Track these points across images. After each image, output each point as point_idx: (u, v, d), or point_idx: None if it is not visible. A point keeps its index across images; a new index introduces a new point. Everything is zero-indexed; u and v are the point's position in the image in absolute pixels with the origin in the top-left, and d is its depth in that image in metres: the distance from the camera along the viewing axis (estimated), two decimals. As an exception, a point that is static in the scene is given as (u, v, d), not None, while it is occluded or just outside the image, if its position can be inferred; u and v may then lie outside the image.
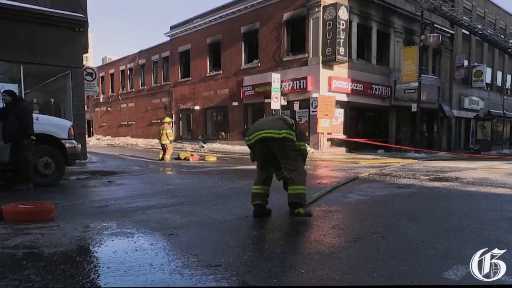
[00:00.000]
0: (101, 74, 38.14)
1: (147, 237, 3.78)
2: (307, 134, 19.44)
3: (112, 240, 3.66)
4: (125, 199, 6.05)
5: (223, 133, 25.26)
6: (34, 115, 7.26)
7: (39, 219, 4.29)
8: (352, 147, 20.94)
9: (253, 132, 4.67)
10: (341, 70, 20.18)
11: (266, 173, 4.82)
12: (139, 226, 4.19)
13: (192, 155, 15.54)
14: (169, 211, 5.06)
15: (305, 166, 5.00)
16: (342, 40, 18.98)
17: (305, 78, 19.80)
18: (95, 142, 31.84)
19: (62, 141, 7.70)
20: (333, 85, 19.68)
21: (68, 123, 8.15)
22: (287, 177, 4.76)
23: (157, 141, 29.25)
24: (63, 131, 7.79)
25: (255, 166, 5.01)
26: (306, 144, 5.04)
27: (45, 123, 7.60)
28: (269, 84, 19.61)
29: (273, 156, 4.69)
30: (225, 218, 4.74)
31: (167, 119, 15.78)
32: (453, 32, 27.36)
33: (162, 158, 14.58)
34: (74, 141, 7.92)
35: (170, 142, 14.93)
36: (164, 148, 14.79)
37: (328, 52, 19.07)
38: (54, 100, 12.44)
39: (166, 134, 14.75)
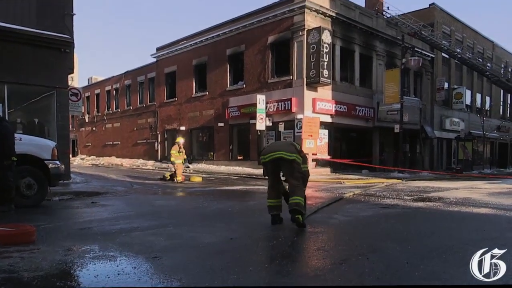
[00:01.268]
0: (86, 94, 37.90)
1: (130, 260, 3.72)
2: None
3: (94, 264, 3.59)
4: (109, 221, 5.96)
5: (212, 153, 25.23)
6: (17, 135, 7.16)
7: (20, 242, 4.19)
8: (336, 167, 21.09)
9: (269, 153, 5.62)
10: (325, 92, 20.49)
11: (277, 188, 5.73)
12: (122, 249, 4.12)
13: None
14: (153, 233, 4.99)
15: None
16: (325, 63, 19.33)
17: (290, 99, 20.03)
18: (80, 162, 31.40)
19: (45, 161, 7.59)
20: (317, 106, 19.93)
21: (51, 144, 8.05)
22: (287, 191, 5.68)
23: (143, 161, 29.22)
24: (46, 152, 7.69)
25: (240, 187, 5.05)
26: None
27: (28, 143, 7.49)
28: (255, 105, 19.76)
29: (279, 172, 5.71)
30: (210, 240, 4.70)
31: (177, 139, 14.91)
32: (433, 56, 28.17)
33: (172, 179, 14.23)
34: (57, 162, 7.81)
35: (178, 163, 14.16)
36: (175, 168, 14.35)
37: (312, 74, 19.38)
38: (38, 120, 12.30)
39: (171, 154, 14.33)
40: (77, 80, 49.49)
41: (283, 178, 5.81)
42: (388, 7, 25.09)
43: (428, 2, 28.82)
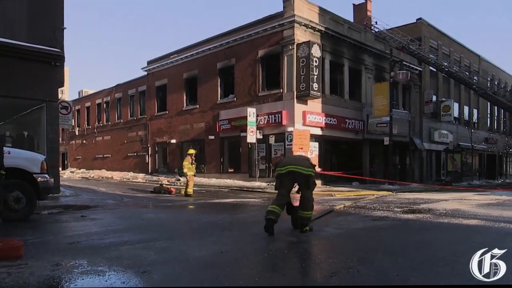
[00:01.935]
0: (77, 107, 37.73)
1: (119, 275, 3.69)
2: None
3: (83, 279, 3.56)
4: (98, 235, 5.90)
5: (203, 166, 25.13)
6: (6, 149, 7.07)
7: (7, 257, 4.12)
8: (327, 180, 21.13)
9: (286, 165, 6.10)
10: (315, 105, 20.65)
11: (285, 199, 6.10)
12: (111, 263, 4.08)
13: (168, 188, 15.31)
14: (142, 247, 4.95)
15: None
16: (315, 76, 19.53)
17: (280, 112, 20.13)
18: (70, 175, 31.07)
19: (34, 175, 7.51)
20: (307, 119, 20.06)
21: (40, 157, 7.99)
22: (290, 202, 6.24)
23: (133, 174, 28.99)
24: (35, 165, 7.62)
25: (231, 200, 5.04)
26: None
27: (16, 156, 7.42)
28: (245, 118, 19.83)
29: (292, 184, 6.18)
30: (200, 254, 4.67)
31: (190, 151, 14.51)
32: (421, 69, 28.61)
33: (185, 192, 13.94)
34: (46, 175, 7.74)
35: (191, 174, 13.87)
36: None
37: (302, 88, 19.55)
38: (28, 133, 12.18)
39: (184, 165, 14.06)
40: (67, 93, 49.31)
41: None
42: (376, 22, 25.51)
43: (416, 16, 29.45)
